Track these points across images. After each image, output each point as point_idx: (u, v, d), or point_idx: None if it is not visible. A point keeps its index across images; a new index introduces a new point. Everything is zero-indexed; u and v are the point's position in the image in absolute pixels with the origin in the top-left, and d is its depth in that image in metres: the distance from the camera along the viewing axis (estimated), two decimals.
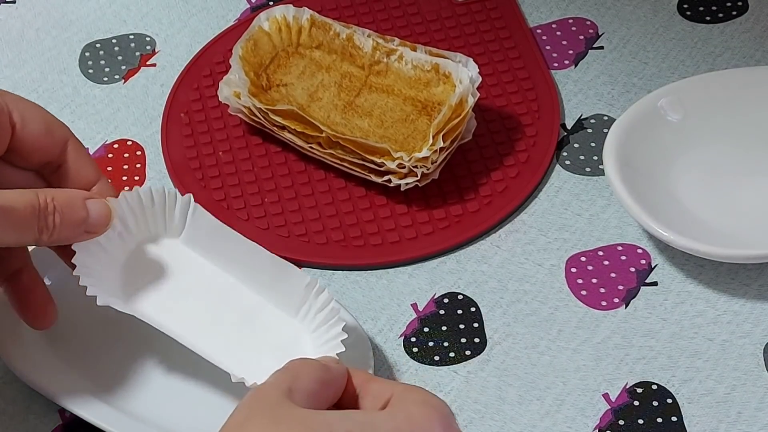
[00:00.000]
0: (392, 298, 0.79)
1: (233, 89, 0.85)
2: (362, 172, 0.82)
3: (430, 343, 0.77)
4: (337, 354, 0.68)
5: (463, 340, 0.77)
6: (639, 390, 0.74)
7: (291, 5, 0.88)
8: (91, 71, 0.92)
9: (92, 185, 0.71)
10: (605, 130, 0.87)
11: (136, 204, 0.72)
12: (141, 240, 0.72)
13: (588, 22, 0.94)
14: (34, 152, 0.69)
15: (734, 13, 0.93)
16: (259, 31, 0.87)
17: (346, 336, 0.69)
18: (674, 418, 0.73)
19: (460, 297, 0.79)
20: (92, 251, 0.69)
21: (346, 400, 0.62)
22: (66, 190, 0.68)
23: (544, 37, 0.93)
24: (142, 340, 0.75)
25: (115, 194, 0.71)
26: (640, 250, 0.81)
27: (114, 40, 0.94)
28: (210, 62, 0.92)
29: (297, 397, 0.58)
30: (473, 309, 0.78)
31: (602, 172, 0.85)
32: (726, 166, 0.82)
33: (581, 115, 0.88)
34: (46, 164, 0.70)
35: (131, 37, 0.94)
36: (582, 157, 0.86)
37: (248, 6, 0.96)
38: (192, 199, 0.73)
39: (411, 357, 0.76)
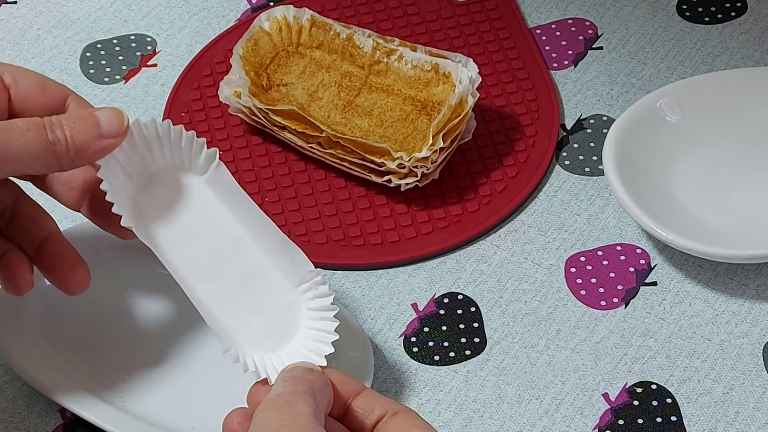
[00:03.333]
0: (392, 297, 0.79)
1: (234, 89, 0.85)
2: (362, 172, 0.82)
3: (430, 343, 0.77)
4: (332, 356, 0.68)
5: (463, 340, 0.77)
6: (639, 390, 0.75)
7: (291, 6, 0.88)
8: (92, 71, 0.92)
9: None
10: (604, 131, 0.87)
11: (165, 133, 0.69)
12: (163, 167, 0.70)
13: (587, 23, 0.94)
14: (34, 111, 0.68)
15: (733, 14, 0.94)
16: (259, 30, 0.87)
17: (337, 337, 0.68)
18: (674, 418, 0.73)
19: (460, 297, 0.79)
20: (112, 168, 0.67)
21: (334, 409, 0.64)
22: (70, 111, 0.68)
23: (544, 38, 0.93)
24: (143, 340, 0.76)
25: None
26: (639, 250, 0.81)
27: (115, 41, 0.94)
28: (210, 62, 0.92)
29: (320, 416, 0.60)
30: (473, 309, 0.78)
31: (601, 172, 0.85)
32: (725, 167, 0.83)
33: (580, 116, 0.88)
34: None
35: (132, 37, 0.94)
36: (581, 157, 0.86)
37: (249, 6, 0.96)
38: (218, 154, 0.70)
39: (411, 357, 0.77)
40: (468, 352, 0.77)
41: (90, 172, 0.70)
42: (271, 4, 0.97)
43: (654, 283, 0.80)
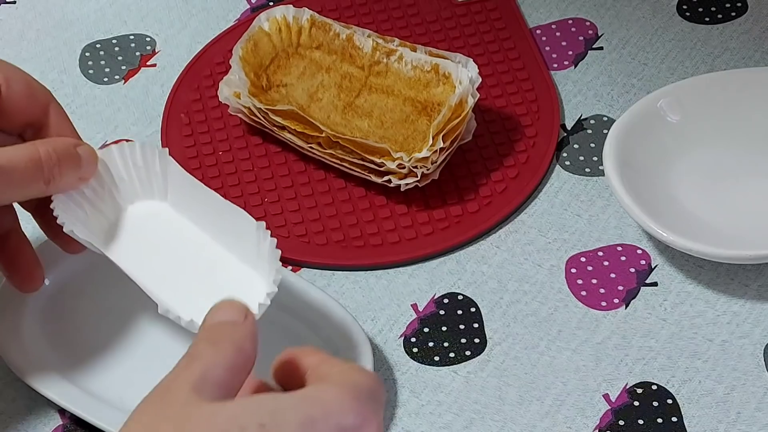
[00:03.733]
0: (392, 298, 0.79)
1: (233, 89, 0.85)
2: (362, 172, 0.82)
3: (430, 344, 0.77)
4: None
5: (463, 341, 0.77)
6: (639, 390, 0.74)
7: (291, 6, 0.88)
8: (91, 72, 0.92)
9: None
10: (605, 131, 0.87)
11: (122, 159, 0.71)
12: (132, 198, 0.72)
13: (587, 23, 0.94)
14: (18, 113, 0.69)
15: (733, 14, 0.94)
16: (259, 31, 0.87)
17: (279, 277, 0.66)
18: (674, 419, 0.73)
19: (460, 297, 0.79)
20: (77, 202, 0.69)
21: (295, 384, 0.55)
22: (61, 139, 0.69)
23: (544, 38, 0.93)
24: (143, 340, 0.75)
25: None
26: (639, 251, 0.81)
27: (114, 41, 0.94)
28: (210, 62, 0.92)
29: (207, 390, 0.52)
30: (473, 309, 0.78)
31: (602, 173, 0.85)
32: (725, 167, 0.83)
33: (581, 116, 0.88)
34: (27, 126, 0.70)
35: (131, 37, 0.94)
36: (582, 158, 0.86)
37: (248, 6, 0.96)
38: (167, 153, 0.72)
39: (411, 357, 0.76)
40: (468, 353, 0.77)
41: None
42: (271, 4, 0.96)
43: (655, 284, 0.79)
